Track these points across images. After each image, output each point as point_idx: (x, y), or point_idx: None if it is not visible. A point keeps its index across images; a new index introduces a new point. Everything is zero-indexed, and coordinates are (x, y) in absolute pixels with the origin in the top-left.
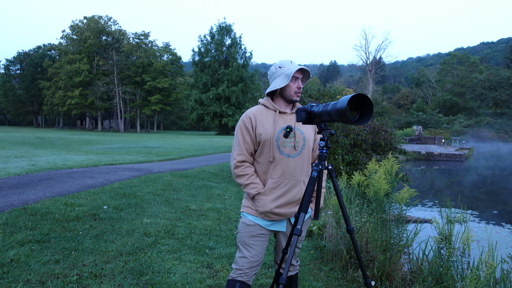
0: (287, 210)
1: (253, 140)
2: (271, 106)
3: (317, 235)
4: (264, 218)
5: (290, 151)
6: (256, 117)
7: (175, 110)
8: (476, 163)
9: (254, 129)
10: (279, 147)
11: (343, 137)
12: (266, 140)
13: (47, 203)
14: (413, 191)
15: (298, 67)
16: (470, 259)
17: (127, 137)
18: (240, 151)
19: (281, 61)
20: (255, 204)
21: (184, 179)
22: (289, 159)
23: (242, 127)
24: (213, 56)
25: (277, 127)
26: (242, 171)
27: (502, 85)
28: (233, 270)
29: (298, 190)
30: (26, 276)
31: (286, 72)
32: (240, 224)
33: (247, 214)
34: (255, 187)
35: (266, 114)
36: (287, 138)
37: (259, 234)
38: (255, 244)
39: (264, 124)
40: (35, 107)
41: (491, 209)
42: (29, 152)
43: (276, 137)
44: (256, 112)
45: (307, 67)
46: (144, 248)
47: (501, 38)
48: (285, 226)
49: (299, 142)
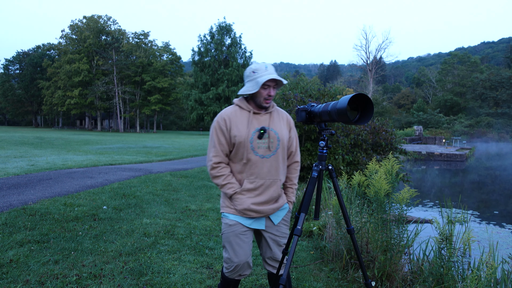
0: (265, 207)
1: (228, 141)
2: (245, 107)
3: (317, 235)
4: (244, 216)
5: (265, 152)
6: (231, 119)
7: (175, 110)
8: (476, 163)
9: (229, 131)
10: (253, 149)
11: (344, 137)
12: (240, 142)
13: (46, 203)
14: (413, 191)
15: (270, 77)
16: (470, 259)
17: (126, 137)
18: (216, 152)
19: (256, 66)
20: (233, 203)
21: (184, 179)
22: (264, 160)
23: (217, 129)
24: (213, 55)
25: (251, 128)
26: (218, 172)
27: (503, 85)
28: (224, 268)
29: (275, 189)
30: (26, 276)
31: (257, 79)
32: (222, 225)
33: (228, 214)
34: (232, 187)
35: (240, 115)
36: (261, 139)
37: (242, 232)
38: (240, 242)
39: (238, 125)
40: (34, 107)
41: (491, 209)
42: (28, 152)
43: (250, 138)
44: (230, 113)
45: (307, 67)
46: (144, 249)
47: (502, 38)
48: (264, 224)
49: (273, 143)
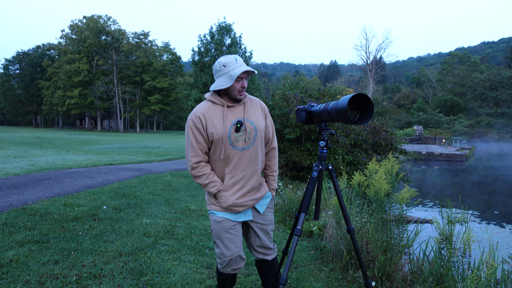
0: (248, 199)
1: (206, 139)
2: (218, 101)
3: (317, 235)
4: (230, 212)
5: (243, 144)
6: (205, 116)
7: (175, 110)
8: (477, 163)
9: (205, 129)
10: (232, 143)
11: (344, 137)
12: (218, 139)
13: (46, 203)
14: (413, 191)
15: (243, 70)
16: (471, 259)
17: (126, 137)
18: (194, 152)
19: (226, 58)
20: (218, 201)
21: (183, 179)
22: (243, 152)
23: (192, 128)
24: (213, 55)
25: (227, 123)
26: (199, 171)
27: (503, 85)
28: (218, 264)
29: (256, 178)
30: (25, 276)
31: (230, 73)
32: (211, 222)
33: (215, 212)
34: (215, 185)
35: (214, 111)
36: (239, 132)
37: (231, 227)
38: (230, 237)
39: (214, 122)
40: (34, 107)
41: (492, 209)
42: (28, 152)
43: (228, 134)
44: (205, 110)
45: (307, 67)
46: (144, 249)
47: (502, 38)
48: (251, 215)
49: (250, 134)
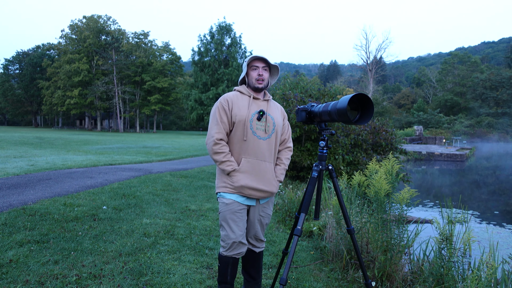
0: (259, 187)
1: (229, 120)
2: (245, 91)
3: (318, 235)
4: (239, 194)
5: (262, 134)
6: (233, 100)
7: (175, 110)
8: (477, 163)
9: (230, 110)
10: (252, 128)
11: (344, 137)
12: (240, 121)
13: (46, 203)
14: (413, 191)
15: (253, 56)
16: (471, 259)
17: (126, 137)
18: (219, 129)
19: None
20: (231, 180)
21: (183, 179)
22: (260, 141)
23: (219, 108)
24: (213, 55)
25: (251, 110)
26: (220, 148)
27: (503, 85)
28: (222, 248)
29: (270, 171)
30: (25, 276)
31: (245, 63)
32: (220, 205)
33: (224, 194)
34: (231, 164)
35: (241, 99)
36: (260, 121)
37: (238, 210)
38: (237, 219)
39: (239, 106)
40: (34, 107)
41: (492, 209)
42: (28, 152)
43: (250, 119)
44: (232, 96)
45: (307, 67)
46: (144, 249)
47: (502, 38)
48: (254, 201)
49: (269, 126)
